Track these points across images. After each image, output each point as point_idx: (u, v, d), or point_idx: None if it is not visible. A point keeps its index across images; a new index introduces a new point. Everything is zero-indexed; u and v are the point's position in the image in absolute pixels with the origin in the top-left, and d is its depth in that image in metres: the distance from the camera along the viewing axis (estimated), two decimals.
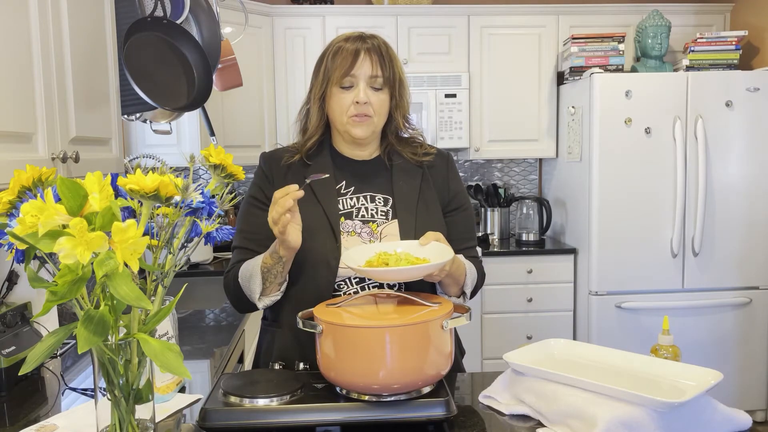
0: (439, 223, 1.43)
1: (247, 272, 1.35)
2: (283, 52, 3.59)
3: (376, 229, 1.40)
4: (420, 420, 1.08)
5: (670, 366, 1.15)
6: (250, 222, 1.45)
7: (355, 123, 1.39)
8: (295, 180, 1.35)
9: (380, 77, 1.38)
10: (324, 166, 1.44)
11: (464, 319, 1.12)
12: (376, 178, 1.46)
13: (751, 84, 3.19)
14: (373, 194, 1.44)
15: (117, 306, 0.85)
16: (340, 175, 1.45)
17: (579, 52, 3.46)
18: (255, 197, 1.47)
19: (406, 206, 1.42)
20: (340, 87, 1.38)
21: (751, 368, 3.34)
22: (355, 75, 1.37)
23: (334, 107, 1.40)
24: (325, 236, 1.37)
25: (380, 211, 1.43)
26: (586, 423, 1.00)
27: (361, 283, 1.37)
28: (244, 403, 1.09)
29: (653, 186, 3.22)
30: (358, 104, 1.37)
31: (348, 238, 1.38)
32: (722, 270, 3.28)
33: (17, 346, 1.45)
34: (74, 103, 1.53)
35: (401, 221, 1.41)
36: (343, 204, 1.42)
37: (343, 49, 1.38)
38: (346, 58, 1.37)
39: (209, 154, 0.98)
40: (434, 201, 1.46)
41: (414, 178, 1.46)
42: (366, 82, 1.38)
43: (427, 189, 1.46)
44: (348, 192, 1.44)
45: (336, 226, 1.38)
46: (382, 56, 1.39)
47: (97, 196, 0.79)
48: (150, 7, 1.92)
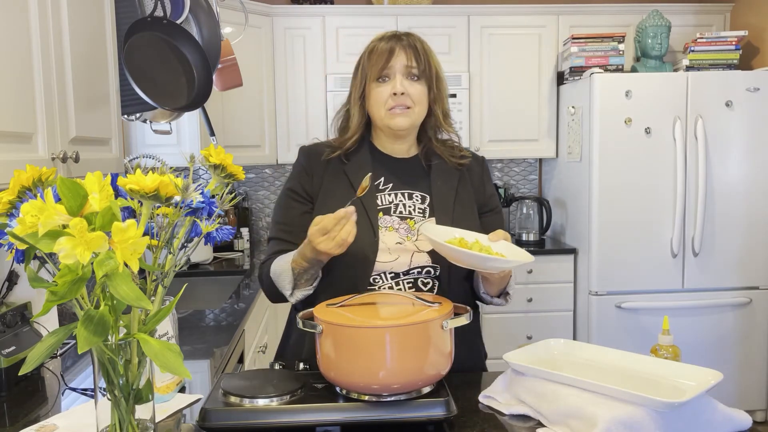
0: (474, 224, 1.46)
1: (279, 268, 1.37)
2: (283, 52, 3.59)
3: (414, 226, 1.43)
4: (420, 420, 1.08)
5: (670, 366, 1.15)
6: (288, 214, 1.47)
7: (394, 114, 1.41)
8: (333, 175, 1.44)
9: (416, 67, 1.41)
10: (363, 163, 1.46)
11: (464, 319, 1.12)
12: (414, 177, 1.49)
13: (751, 84, 3.19)
14: (410, 192, 1.47)
15: (117, 306, 0.85)
16: (379, 172, 1.47)
17: (579, 52, 3.46)
18: (293, 190, 1.48)
19: (443, 205, 1.45)
20: (377, 81, 1.42)
21: (751, 368, 3.34)
22: (391, 67, 1.41)
23: (372, 102, 1.43)
24: (363, 230, 1.38)
25: (417, 208, 1.45)
26: (586, 423, 1.00)
27: (396, 278, 1.39)
28: (244, 403, 1.09)
29: (653, 186, 3.22)
30: (395, 95, 1.40)
31: (386, 233, 1.41)
32: (722, 270, 3.28)
33: (17, 346, 1.45)
34: (74, 103, 1.53)
35: (438, 220, 1.43)
36: (381, 200, 1.45)
37: (378, 47, 1.42)
38: (381, 54, 1.41)
39: (209, 154, 0.98)
40: (470, 202, 1.49)
41: (452, 178, 1.49)
42: (402, 73, 1.41)
43: (463, 190, 1.49)
44: (386, 188, 1.47)
45: (375, 220, 1.41)
46: (416, 50, 1.42)
47: (97, 196, 0.79)
48: (150, 7, 1.92)
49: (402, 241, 1.41)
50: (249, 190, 3.96)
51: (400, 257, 1.39)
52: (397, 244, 1.40)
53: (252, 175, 3.96)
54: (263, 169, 3.96)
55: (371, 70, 1.42)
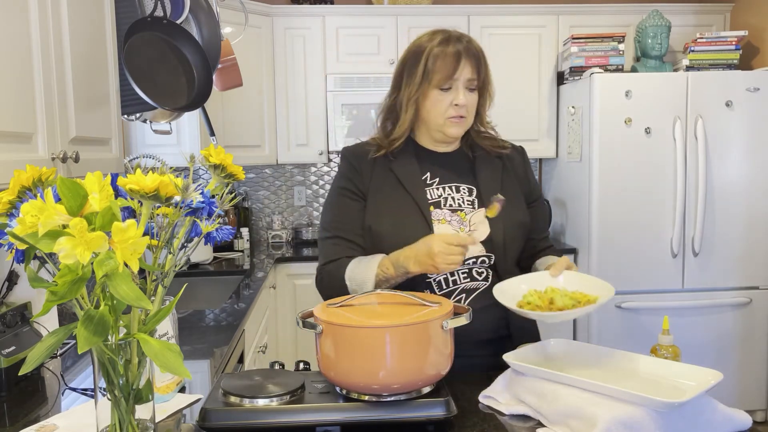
0: (523, 212, 1.53)
1: (359, 278, 1.39)
2: (283, 52, 3.59)
3: (465, 217, 1.47)
4: (420, 420, 1.08)
5: (670, 366, 1.15)
6: (343, 212, 1.50)
7: (452, 123, 1.46)
8: (381, 174, 1.48)
9: (476, 80, 1.45)
10: (408, 161, 1.50)
11: (464, 319, 1.12)
12: (459, 170, 1.53)
13: (751, 84, 3.19)
14: (457, 185, 1.51)
15: (117, 306, 0.85)
16: (425, 167, 1.51)
17: (579, 52, 3.46)
18: (346, 188, 1.51)
19: (491, 195, 1.47)
20: (440, 89, 1.43)
21: (751, 368, 3.34)
22: (456, 78, 1.42)
23: (430, 109, 1.46)
24: (417, 225, 1.43)
25: (466, 200, 1.49)
26: (586, 423, 1.00)
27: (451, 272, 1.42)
28: (244, 403, 1.09)
29: (653, 186, 3.22)
30: (457, 106, 1.43)
31: (439, 225, 1.44)
32: (722, 270, 3.28)
33: (17, 346, 1.45)
34: (74, 103, 1.53)
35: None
36: (430, 194, 1.48)
37: (446, 52, 1.42)
38: (449, 63, 1.42)
39: (209, 154, 0.98)
40: (516, 191, 1.54)
41: (495, 168, 1.54)
42: (464, 85, 1.44)
43: (508, 180, 1.54)
44: (434, 183, 1.50)
45: (427, 215, 1.45)
46: (479, 60, 1.45)
47: (97, 196, 0.79)
48: (150, 7, 1.92)
49: (456, 233, 1.44)
50: (249, 190, 3.96)
51: None
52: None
53: (252, 175, 3.96)
54: (263, 169, 3.96)
55: (436, 76, 1.42)
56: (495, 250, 1.45)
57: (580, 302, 1.23)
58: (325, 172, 4.00)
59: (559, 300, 1.24)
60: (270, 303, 3.16)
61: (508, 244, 1.46)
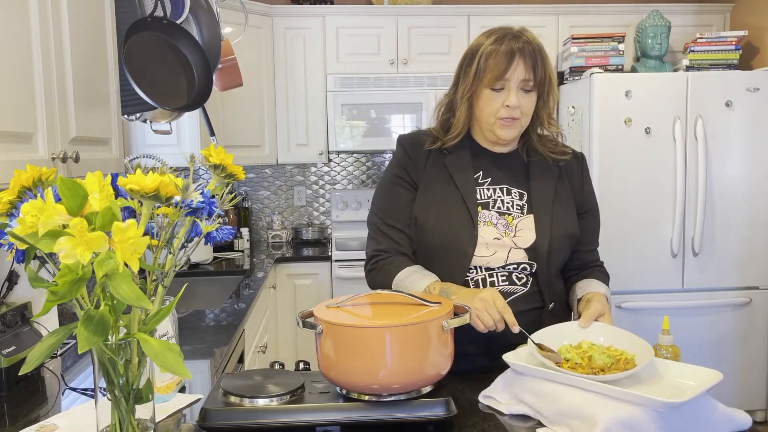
0: (573, 224, 1.48)
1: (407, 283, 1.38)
2: (283, 52, 3.59)
3: (512, 222, 1.44)
4: (420, 420, 1.08)
5: (670, 366, 1.15)
6: (394, 201, 1.48)
7: (502, 125, 1.41)
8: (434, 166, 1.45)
9: (532, 81, 1.39)
10: (462, 157, 1.47)
11: (465, 319, 1.12)
12: (512, 172, 1.49)
13: (751, 84, 3.19)
14: (509, 187, 1.47)
15: (117, 306, 0.85)
16: (478, 165, 1.48)
17: (579, 52, 3.46)
18: (400, 176, 1.49)
19: (542, 203, 1.45)
20: (491, 89, 1.39)
21: (751, 368, 3.34)
22: (507, 78, 1.38)
23: (482, 108, 1.42)
24: (463, 224, 1.41)
25: (516, 204, 1.45)
26: (586, 423, 1.00)
27: (489, 270, 1.41)
28: (244, 403, 1.09)
29: (653, 186, 3.22)
30: (508, 108, 1.38)
31: (484, 227, 1.42)
32: (722, 270, 3.28)
33: (17, 346, 1.45)
34: (74, 103, 1.53)
35: (537, 217, 1.44)
36: (480, 194, 1.45)
37: (498, 51, 1.37)
38: (500, 62, 1.37)
39: (209, 154, 0.98)
40: (569, 201, 1.49)
41: (551, 176, 1.48)
42: (517, 86, 1.38)
43: (562, 188, 1.49)
44: (485, 182, 1.47)
45: (474, 215, 1.42)
46: (535, 59, 1.38)
47: (97, 196, 0.79)
48: (150, 7, 1.92)
49: (500, 237, 1.42)
50: (249, 190, 3.96)
51: (497, 252, 1.40)
52: (495, 240, 1.41)
53: (252, 175, 3.96)
54: (263, 169, 3.96)
55: (487, 76, 1.38)
56: (538, 259, 1.41)
57: (619, 360, 1.17)
58: (325, 172, 4.00)
59: (597, 358, 1.17)
60: (270, 303, 3.16)
61: (553, 255, 1.42)
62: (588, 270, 1.55)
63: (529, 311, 1.40)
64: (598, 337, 1.26)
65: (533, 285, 1.42)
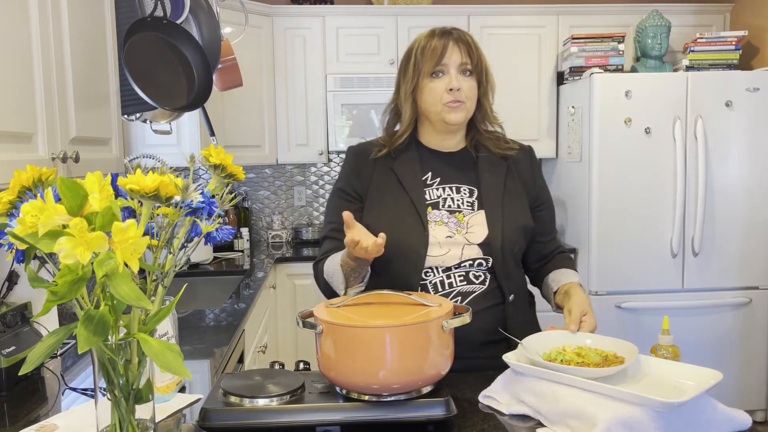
0: (525, 216, 1.49)
1: (330, 269, 1.43)
2: (283, 52, 3.59)
3: (463, 219, 1.45)
4: (420, 420, 1.08)
5: (670, 366, 1.15)
6: (338, 213, 1.49)
7: (450, 109, 1.43)
8: (382, 173, 1.48)
9: (469, 63, 1.43)
10: (409, 160, 1.49)
11: (465, 319, 1.12)
12: (461, 170, 1.51)
13: (751, 84, 3.19)
14: (458, 185, 1.49)
15: (117, 306, 0.85)
16: (427, 167, 1.50)
17: (579, 52, 3.46)
18: (343, 190, 1.53)
19: (492, 197, 1.46)
20: (432, 76, 1.43)
21: (751, 368, 3.34)
22: (445, 63, 1.42)
23: (426, 98, 1.44)
24: (413, 226, 1.42)
25: (466, 201, 1.47)
26: (586, 423, 1.00)
27: (447, 271, 1.42)
28: (244, 403, 1.09)
29: (653, 186, 3.22)
30: (451, 91, 1.41)
31: (435, 227, 1.43)
32: (722, 270, 3.28)
33: (17, 346, 1.45)
34: (74, 103, 1.53)
35: (488, 212, 1.45)
36: (429, 194, 1.47)
37: (432, 44, 1.43)
38: (435, 50, 1.42)
39: (209, 154, 0.98)
40: (520, 194, 1.51)
41: (499, 170, 1.51)
42: (456, 69, 1.42)
43: (512, 182, 1.51)
44: (434, 183, 1.49)
45: (423, 215, 1.43)
46: (469, 45, 1.44)
47: (97, 196, 0.79)
48: (150, 7, 1.92)
49: (452, 235, 1.43)
50: (249, 190, 3.96)
51: (451, 250, 1.41)
52: (447, 238, 1.42)
53: (252, 175, 3.96)
54: (263, 169, 3.96)
55: (425, 66, 1.43)
56: (493, 253, 1.42)
57: (607, 358, 1.18)
58: (325, 172, 4.00)
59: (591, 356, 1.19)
60: (270, 303, 3.16)
61: (507, 248, 1.44)
62: (554, 260, 1.57)
63: (490, 308, 1.42)
64: (584, 341, 1.28)
65: (492, 281, 1.44)
